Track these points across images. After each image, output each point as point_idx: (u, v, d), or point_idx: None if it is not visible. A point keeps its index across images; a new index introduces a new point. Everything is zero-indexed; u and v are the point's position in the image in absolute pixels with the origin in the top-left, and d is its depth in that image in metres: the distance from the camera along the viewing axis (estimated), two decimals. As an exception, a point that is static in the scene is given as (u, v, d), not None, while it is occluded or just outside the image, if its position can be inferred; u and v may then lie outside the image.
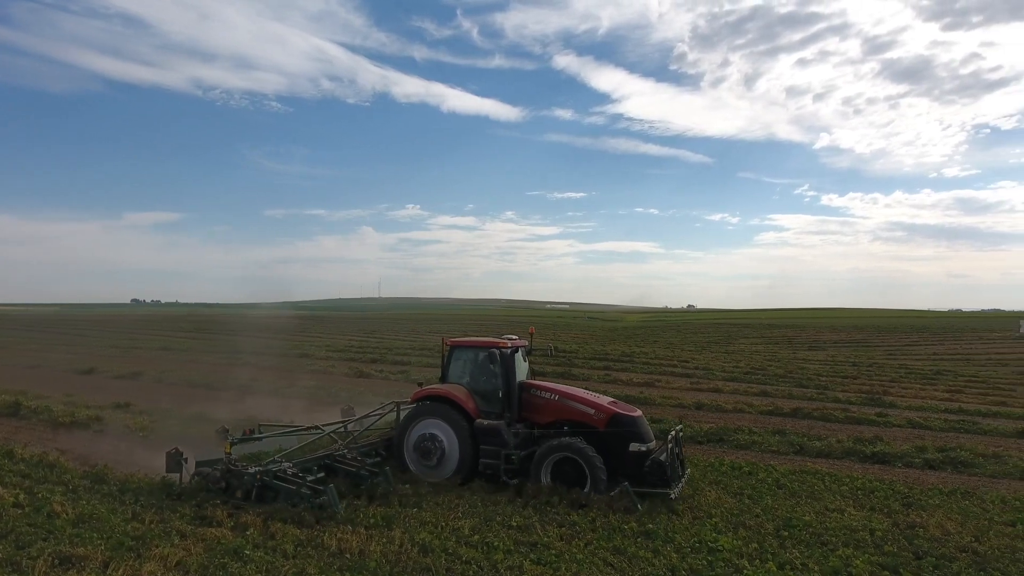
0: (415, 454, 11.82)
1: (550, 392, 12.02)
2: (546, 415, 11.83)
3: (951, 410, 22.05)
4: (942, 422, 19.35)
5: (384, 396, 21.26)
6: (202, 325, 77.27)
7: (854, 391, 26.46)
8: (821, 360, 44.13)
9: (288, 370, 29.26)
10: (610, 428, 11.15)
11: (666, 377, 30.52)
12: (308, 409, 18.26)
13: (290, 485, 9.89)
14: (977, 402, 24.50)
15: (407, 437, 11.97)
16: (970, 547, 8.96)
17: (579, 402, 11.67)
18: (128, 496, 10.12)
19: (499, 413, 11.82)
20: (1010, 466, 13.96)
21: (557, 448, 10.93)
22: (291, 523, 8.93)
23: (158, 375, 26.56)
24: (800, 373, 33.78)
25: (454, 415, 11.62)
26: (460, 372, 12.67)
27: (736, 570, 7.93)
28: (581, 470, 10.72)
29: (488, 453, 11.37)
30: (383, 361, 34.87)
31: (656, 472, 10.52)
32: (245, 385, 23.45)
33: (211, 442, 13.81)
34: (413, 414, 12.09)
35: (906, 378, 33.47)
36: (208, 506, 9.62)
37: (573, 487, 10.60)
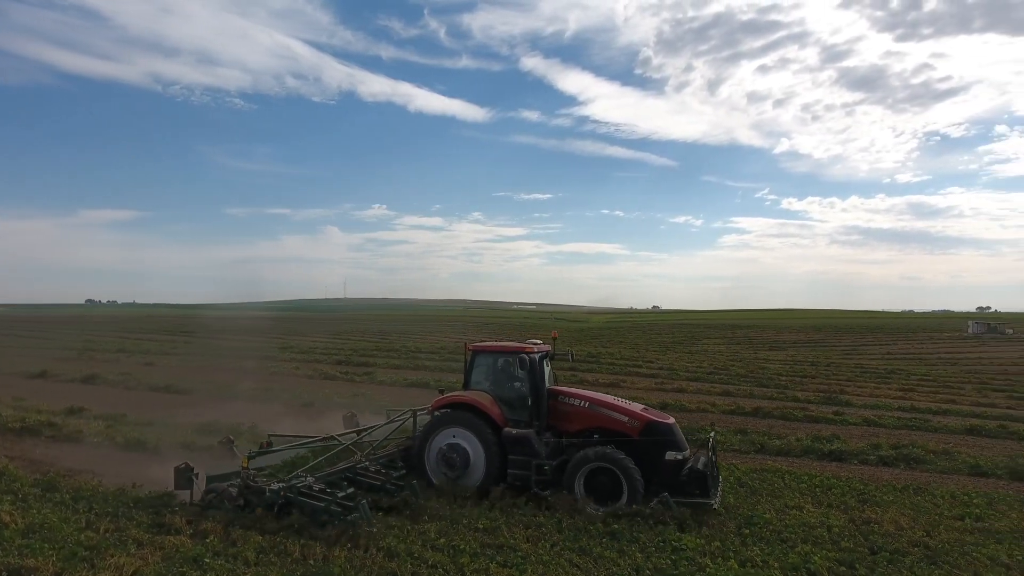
0: (438, 465, 11.19)
1: (579, 399, 11.51)
2: (575, 423, 11.33)
3: (904, 408, 22.81)
4: (895, 420, 19.98)
5: (347, 398, 21.07)
6: (161, 326, 75.30)
7: (812, 390, 27.15)
8: (781, 360, 45.18)
9: (251, 372, 28.69)
10: (645, 436, 10.68)
11: (631, 377, 30.85)
12: (286, 415, 17.90)
13: (318, 502, 9.18)
14: (928, 400, 25.40)
15: (428, 447, 11.36)
16: (922, 541, 9.28)
17: (611, 409, 11.19)
18: (82, 504, 9.76)
19: (527, 421, 11.31)
20: (959, 462, 14.49)
21: (591, 458, 10.42)
22: (253, 529, 8.75)
23: (115, 378, 25.77)
24: (761, 373, 34.53)
25: (479, 424, 11.07)
26: (483, 378, 12.10)
27: (699, 568, 8.06)
28: (617, 480, 10.24)
29: (517, 463, 10.83)
30: (348, 363, 34.48)
31: (695, 481, 10.16)
32: (206, 388, 22.94)
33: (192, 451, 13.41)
34: (435, 423, 11.48)
35: (861, 377, 34.49)
36: (166, 513, 9.36)
37: (608, 498, 10.18)
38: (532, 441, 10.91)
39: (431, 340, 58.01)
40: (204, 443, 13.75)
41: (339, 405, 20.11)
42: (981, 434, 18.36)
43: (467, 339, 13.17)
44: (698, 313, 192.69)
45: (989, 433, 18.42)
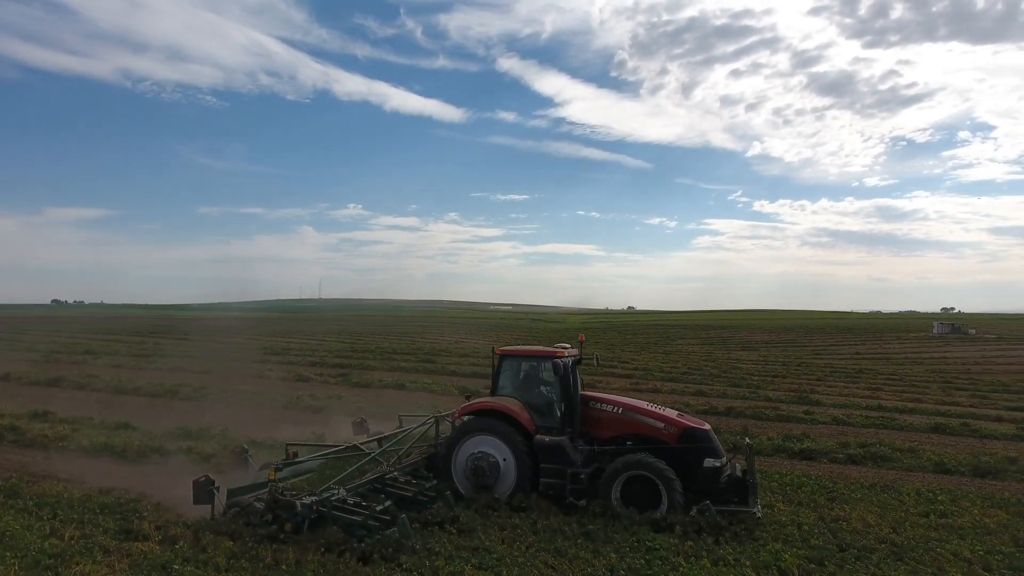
0: (466, 473, 10.82)
1: (612, 405, 11.15)
2: (607, 430, 10.97)
3: (871, 407, 23.32)
4: (863, 419, 20.41)
5: (322, 400, 20.85)
6: (130, 327, 73.72)
7: (784, 390, 27.61)
8: (753, 360, 45.86)
9: (222, 375, 28.23)
10: (682, 443, 10.38)
11: (607, 378, 31.03)
12: (269, 420, 17.61)
13: (354, 516, 8.71)
14: (895, 399, 26.01)
15: (455, 455, 10.97)
16: (888, 538, 9.51)
17: (646, 415, 10.87)
18: (46, 511, 9.51)
19: (559, 428, 10.98)
20: (924, 460, 14.87)
21: (629, 465, 10.13)
22: (223, 535, 8.61)
23: (81, 381, 25.15)
24: (734, 373, 35.01)
25: (510, 431, 10.69)
26: (512, 384, 11.74)
27: (673, 568, 8.14)
28: (654, 489, 9.95)
29: (550, 472, 10.49)
30: (323, 365, 34.13)
31: (735, 489, 9.98)
32: (176, 391, 22.53)
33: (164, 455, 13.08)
34: (463, 430, 11.09)
35: (831, 377, 35.18)
36: (134, 519, 9.16)
37: (645, 507, 9.88)
38: (566, 449, 10.55)
39: (407, 341, 57.70)
40: (173, 447, 13.51)
41: (314, 408, 19.94)
42: (945, 432, 18.85)
43: (495, 343, 12.72)
44: (672, 314, 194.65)
45: (953, 431, 18.93)
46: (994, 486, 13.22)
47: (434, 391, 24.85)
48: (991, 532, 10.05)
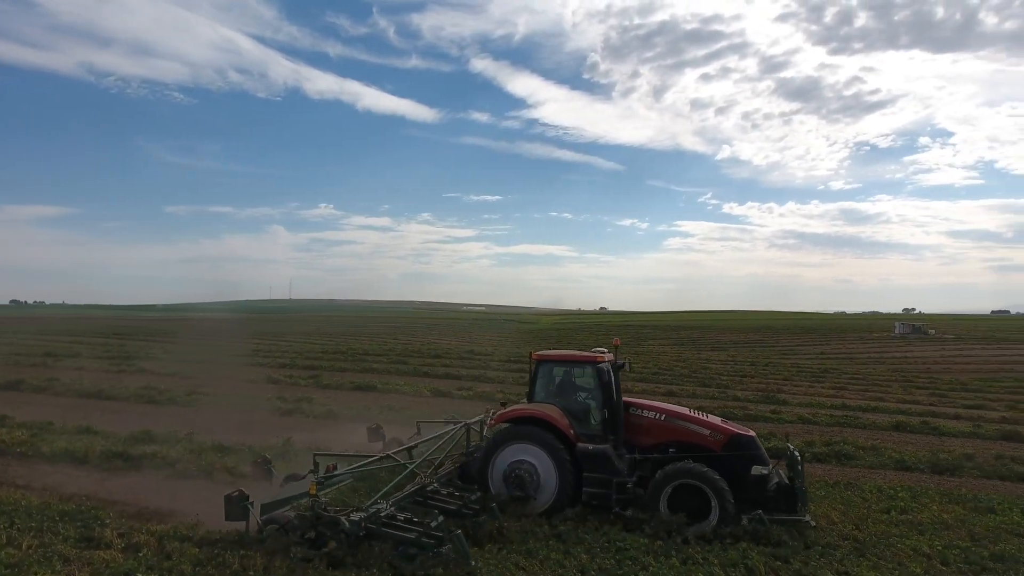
0: (504, 483, 10.47)
1: (654, 411, 10.93)
2: (649, 437, 10.76)
3: (836, 406, 23.87)
4: (828, 417, 20.88)
5: (292, 403, 20.57)
6: (93, 328, 71.80)
7: (752, 389, 28.10)
8: (722, 360, 46.54)
9: (189, 376, 27.69)
10: (728, 450, 10.17)
11: (579, 379, 31.17)
12: (238, 424, 17.30)
13: (406, 533, 8.23)
14: (858, 398, 26.67)
15: (492, 464, 10.63)
16: (851, 535, 9.77)
17: (691, 422, 10.66)
18: (2, 519, 9.20)
19: (601, 436, 10.73)
20: (885, 457, 15.28)
21: (678, 474, 9.85)
22: (188, 541, 8.44)
23: (41, 384, 24.41)
24: (703, 373, 35.51)
25: (551, 439, 10.37)
26: (550, 390, 11.47)
27: (642, 567, 8.23)
28: (703, 498, 9.70)
29: (594, 481, 10.18)
30: (293, 366, 33.67)
31: (783, 497, 9.85)
32: (141, 394, 22.01)
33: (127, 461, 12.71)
34: (500, 438, 10.71)
35: (797, 376, 35.90)
36: (96, 526, 8.93)
37: (694, 517, 9.62)
38: (611, 457, 10.26)
39: (379, 342, 57.24)
40: (137, 452, 13.20)
41: (283, 410, 19.67)
42: (906, 430, 19.40)
43: (532, 348, 12.40)
44: (644, 314, 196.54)
45: (913, 429, 19.48)
46: (952, 482, 13.67)
47: (406, 392, 24.72)
48: (949, 527, 10.39)
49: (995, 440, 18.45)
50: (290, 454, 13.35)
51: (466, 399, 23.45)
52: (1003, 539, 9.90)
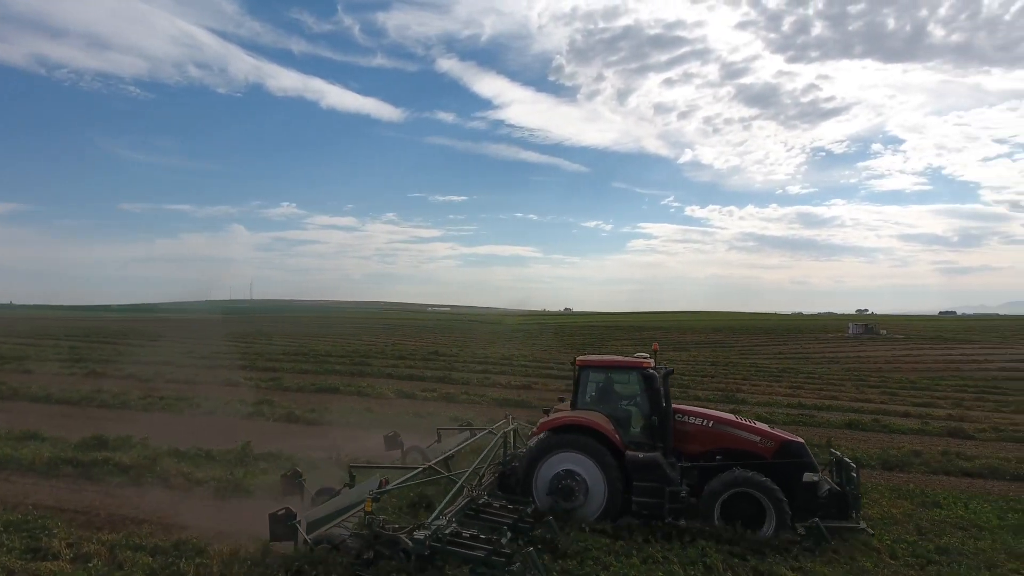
0: (550, 494, 10.12)
1: (701, 418, 10.66)
2: (696, 444, 10.46)
3: (792, 405, 24.51)
4: (785, 416, 21.42)
5: (253, 407, 20.14)
6: (43, 330, 69.11)
7: (712, 389, 28.66)
8: (684, 360, 47.31)
9: (144, 380, 26.93)
10: (779, 458, 9.99)
11: (543, 379, 31.35)
12: (193, 428, 16.87)
13: (474, 551, 7.66)
14: (814, 397, 27.44)
15: (536, 473, 10.27)
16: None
17: (739, 429, 10.46)
18: (-59, 531, 8.84)
19: (649, 444, 10.48)
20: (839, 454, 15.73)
21: (734, 482, 9.64)
22: (141, 551, 8.21)
23: (-17, 388, 23.38)
24: (666, 373, 35.99)
25: (599, 448, 10.08)
26: (596, 397, 11.15)
27: (604, 567, 8.31)
28: (757, 506, 9.55)
29: (645, 491, 9.91)
30: (253, 368, 33.00)
31: (835, 503, 9.71)
32: (92, 398, 21.30)
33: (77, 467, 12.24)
34: (544, 446, 10.34)
35: (756, 376, 36.73)
36: (43, 536, 8.60)
37: (748, 526, 9.44)
38: (663, 466, 10.02)
39: (343, 343, 56.53)
40: (88, 458, 12.78)
41: (243, 414, 19.26)
42: (858, 428, 20.04)
43: (566, 351, 12.12)
44: (608, 315, 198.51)
45: (865, 427, 20.14)
46: (900, 478, 14.19)
47: (369, 395, 24.48)
48: (897, 522, 10.79)
49: (941, 437, 19.20)
50: (249, 459, 13.11)
51: (430, 400, 23.35)
52: (947, 532, 10.33)
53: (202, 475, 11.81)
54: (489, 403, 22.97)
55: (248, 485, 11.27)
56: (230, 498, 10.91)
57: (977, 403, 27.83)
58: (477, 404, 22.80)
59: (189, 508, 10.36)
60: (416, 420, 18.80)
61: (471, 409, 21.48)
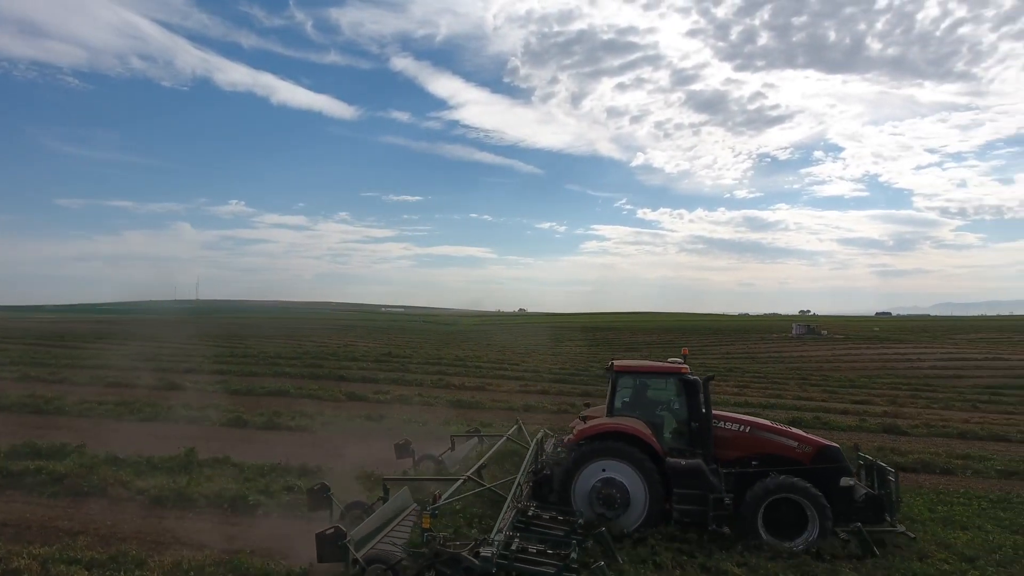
0: (591, 502, 9.96)
1: (738, 423, 10.60)
2: (733, 450, 10.42)
3: (739, 404, 25.18)
4: (732, 415, 22.02)
5: (198, 411, 19.50)
6: (-35, 331, 65.25)
7: (663, 389, 29.18)
8: (636, 361, 48.10)
9: (81, 384, 25.76)
10: (817, 463, 10.01)
11: (497, 380, 31.40)
12: (134, 435, 16.17)
13: (543, 568, 7.41)
14: (759, 395, 28.30)
15: (575, 482, 10.07)
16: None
17: (777, 433, 10.44)
18: None
19: (689, 450, 10.42)
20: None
21: (777, 488, 9.60)
22: (76, 564, 7.85)
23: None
24: (618, 373, 36.53)
25: (639, 455, 9.94)
26: (632, 402, 11.02)
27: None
28: (799, 512, 9.54)
29: (687, 498, 9.81)
30: (199, 371, 31.93)
31: (871, 507, 9.77)
32: (25, 403, 20.25)
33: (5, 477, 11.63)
34: (584, 454, 10.14)
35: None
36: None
37: (789, 532, 9.50)
38: (705, 472, 9.92)
39: (293, 344, 55.30)
40: (19, 467, 12.15)
41: (188, 418, 18.63)
42: (800, 425, 20.63)
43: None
44: (561, 316, 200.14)
45: (807, 424, 20.84)
46: (839, 474, 14.72)
47: (320, 397, 24.03)
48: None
49: (877, 432, 20.12)
50: (193, 466, 12.69)
51: (383, 403, 23.10)
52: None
53: (143, 484, 11.38)
54: (444, 405, 22.88)
55: (192, 493, 10.92)
56: (172, 507, 10.56)
57: (910, 400, 29.25)
58: (432, 406, 22.68)
59: (128, 518, 9.99)
60: (368, 423, 18.59)
61: (425, 411, 21.35)
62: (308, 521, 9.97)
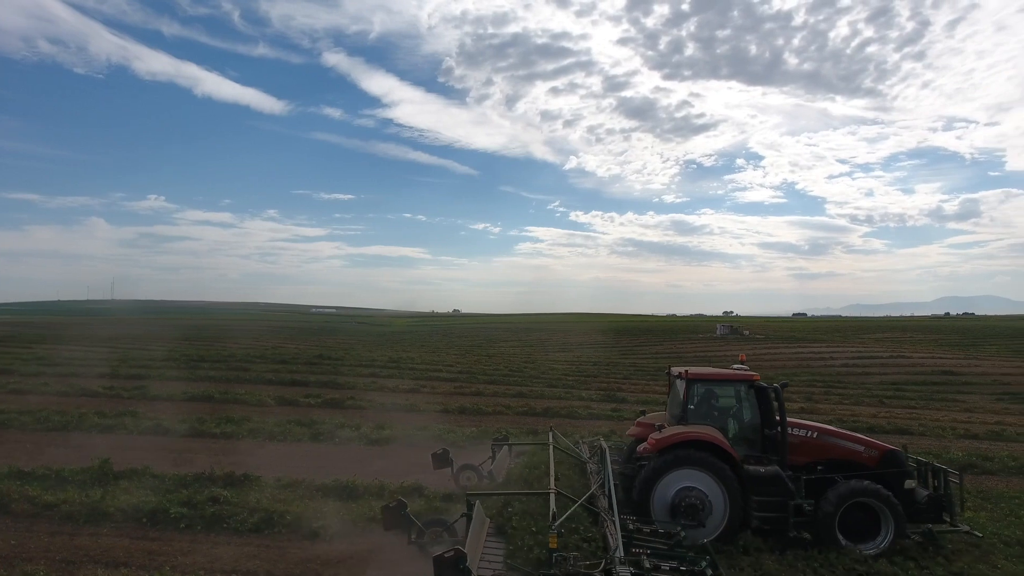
0: (672, 512, 9.80)
1: (806, 429, 10.57)
2: (801, 455, 10.34)
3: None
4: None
5: (112, 419, 18.47)
6: None
7: (595, 388, 29.83)
8: (568, 360, 48.91)
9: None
10: (884, 466, 10.13)
11: (432, 382, 31.22)
12: (39, 445, 15.06)
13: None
14: (687, 394, 29.23)
15: (654, 492, 9.90)
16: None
17: (843, 439, 10.51)
18: None
19: (764, 457, 10.35)
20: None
21: (853, 493, 9.65)
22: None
23: None
24: (551, 374, 37.08)
25: (719, 464, 9.83)
26: (704, 410, 10.88)
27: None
28: (872, 516, 9.65)
29: (767, 505, 9.75)
30: (115, 376, 30.19)
31: (933, 508, 9.88)
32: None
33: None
34: (664, 464, 9.93)
35: (635, 375, 38.70)
36: None
37: (863, 535, 9.58)
38: (784, 479, 9.88)
39: (217, 347, 53.12)
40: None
41: (102, 427, 17.61)
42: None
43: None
44: (496, 317, 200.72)
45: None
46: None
47: (247, 402, 23.22)
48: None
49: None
50: (108, 479, 12.02)
51: (314, 407, 22.56)
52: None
53: (52, 498, 10.65)
54: (378, 409, 22.56)
55: (107, 508, 10.33)
56: (85, 524, 9.97)
57: (825, 396, 31.02)
58: (364, 409, 22.32)
59: (36, 537, 9.37)
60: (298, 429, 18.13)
61: (357, 415, 21.01)
62: (237, 535, 9.67)
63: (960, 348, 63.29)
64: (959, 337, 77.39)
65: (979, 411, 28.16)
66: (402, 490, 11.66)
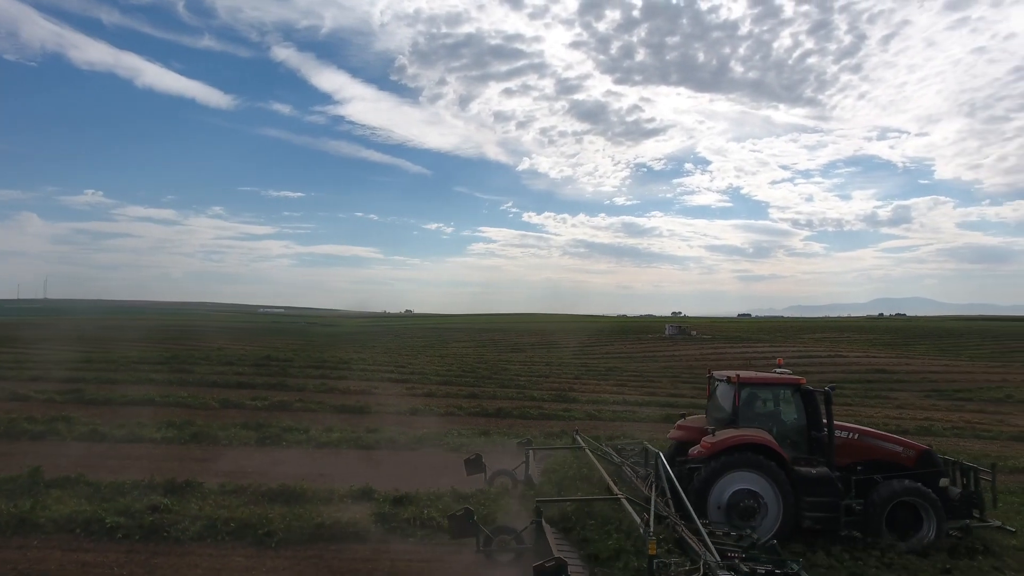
0: (728, 514, 9.92)
1: (847, 431, 10.95)
2: (843, 456, 10.72)
3: (618, 401, 26.54)
4: (611, 413, 23.15)
5: (43, 424, 17.59)
6: None
7: (546, 389, 30.09)
8: (521, 361, 49.15)
9: None
10: (920, 466, 10.53)
11: (384, 383, 30.89)
12: None
13: None
14: (637, 393, 29.89)
15: (710, 495, 10.04)
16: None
17: (882, 440, 10.96)
18: None
19: (812, 459, 10.66)
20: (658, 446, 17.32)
21: (896, 493, 10.04)
22: None
23: None
24: (503, 374, 37.19)
25: (773, 466, 10.08)
26: (753, 414, 11.08)
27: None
28: (914, 514, 10.02)
29: (818, 505, 10.05)
30: (48, 379, 28.76)
31: (966, 505, 10.32)
32: None
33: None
34: (719, 467, 10.11)
35: (587, 375, 39.19)
36: None
37: (906, 533, 9.93)
38: (834, 480, 10.23)
39: (159, 348, 51.22)
40: None
41: (32, 433, 16.76)
42: (672, 421, 22.13)
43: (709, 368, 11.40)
44: (449, 317, 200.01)
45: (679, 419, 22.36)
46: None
47: (190, 405, 22.50)
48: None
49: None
50: (39, 487, 11.45)
51: (261, 409, 22.03)
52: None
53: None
54: (328, 411, 22.21)
55: (37, 518, 9.84)
56: (14, 535, 9.49)
57: (767, 395, 32.01)
58: (314, 412, 21.94)
59: (-41, 550, 8.87)
60: (243, 432, 17.68)
61: (306, 417, 20.63)
62: (178, 544, 9.39)
63: (892, 348, 66.52)
64: (892, 337, 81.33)
65: (909, 407, 29.70)
66: (393, 495, 11.52)
